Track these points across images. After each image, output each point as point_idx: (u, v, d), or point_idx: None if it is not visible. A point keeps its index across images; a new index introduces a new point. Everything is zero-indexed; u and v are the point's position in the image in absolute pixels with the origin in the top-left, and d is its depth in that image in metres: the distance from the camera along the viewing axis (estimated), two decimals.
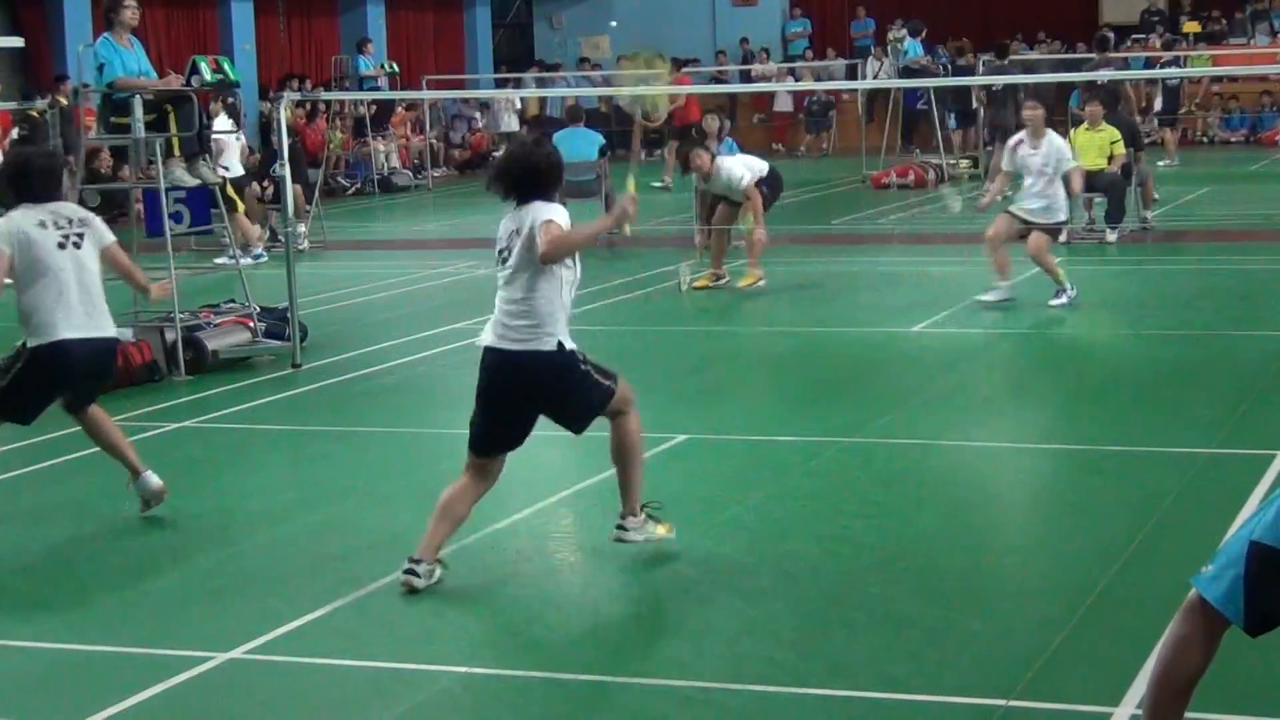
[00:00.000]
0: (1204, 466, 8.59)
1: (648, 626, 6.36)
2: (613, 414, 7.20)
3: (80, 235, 8.13)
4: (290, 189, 13.32)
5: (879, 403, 10.38)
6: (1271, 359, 11.44)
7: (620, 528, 7.20)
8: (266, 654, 6.21)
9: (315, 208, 21.29)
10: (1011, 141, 14.26)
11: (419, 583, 6.80)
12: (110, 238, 8.31)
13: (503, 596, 6.86)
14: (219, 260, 16.97)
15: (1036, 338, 12.68)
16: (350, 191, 28.93)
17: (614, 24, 35.88)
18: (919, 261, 17.27)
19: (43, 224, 8.04)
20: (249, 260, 17.69)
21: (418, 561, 6.85)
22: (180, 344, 12.00)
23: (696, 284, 15.29)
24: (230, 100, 18.28)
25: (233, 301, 13.29)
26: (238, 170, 19.56)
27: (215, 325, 12.50)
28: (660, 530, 7.27)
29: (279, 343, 12.51)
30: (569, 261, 6.90)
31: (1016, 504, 8.44)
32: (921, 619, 6.35)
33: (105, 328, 8.19)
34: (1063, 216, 14.06)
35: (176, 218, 12.52)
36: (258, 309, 12.79)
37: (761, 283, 14.98)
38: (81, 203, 10.23)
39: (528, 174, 6.88)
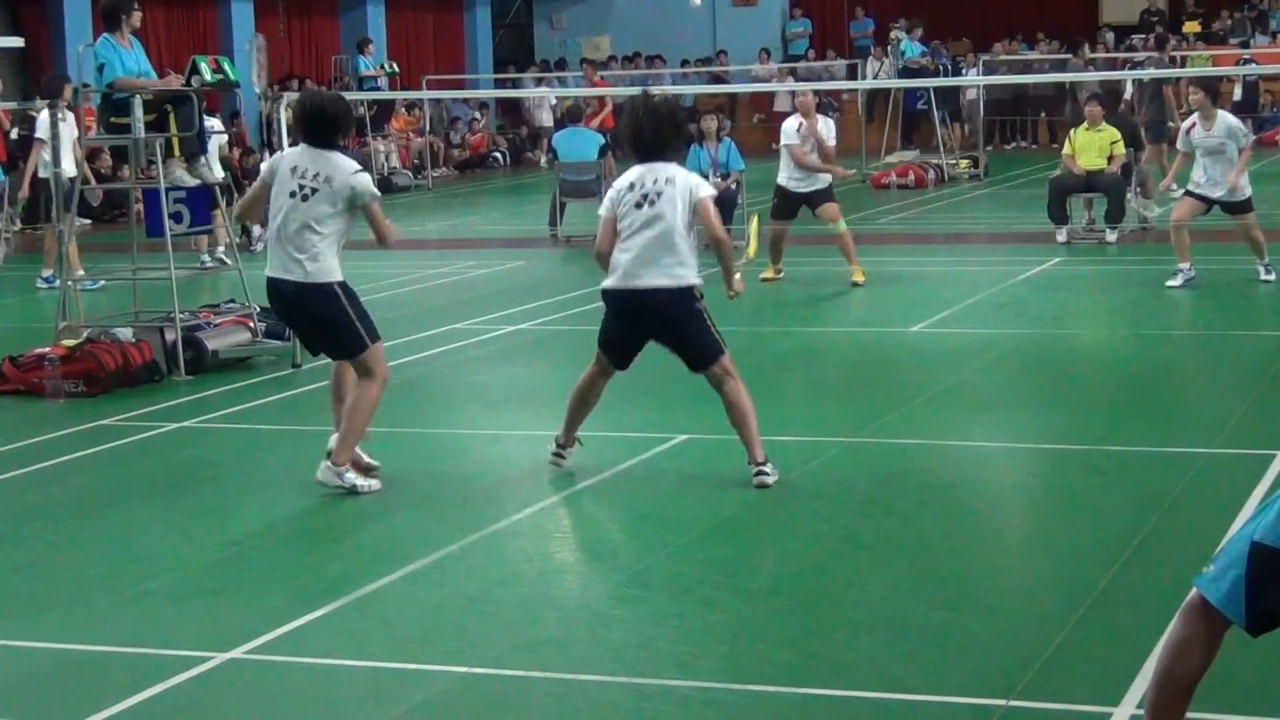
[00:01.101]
0: (1204, 466, 8.59)
1: (648, 626, 6.35)
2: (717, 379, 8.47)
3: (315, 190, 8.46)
4: None
5: (879, 403, 10.38)
6: (1271, 359, 11.44)
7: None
8: (266, 654, 6.21)
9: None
10: (1185, 125, 14.85)
11: (564, 463, 8.64)
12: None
13: (503, 596, 6.86)
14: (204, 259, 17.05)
15: (1036, 338, 12.68)
16: None
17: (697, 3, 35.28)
18: (919, 261, 17.27)
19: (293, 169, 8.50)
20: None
21: (563, 446, 8.65)
22: (180, 344, 12.00)
23: (764, 276, 15.37)
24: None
25: (233, 301, 13.29)
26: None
27: (215, 325, 12.50)
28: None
29: (279, 343, 12.51)
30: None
31: (1016, 504, 8.43)
32: (921, 619, 6.35)
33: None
34: (1247, 192, 14.67)
35: (177, 218, 12.52)
36: (258, 309, 12.79)
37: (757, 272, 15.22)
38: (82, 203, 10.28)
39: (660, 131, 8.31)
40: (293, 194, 8.43)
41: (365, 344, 8.43)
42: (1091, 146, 18.00)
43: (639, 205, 8.23)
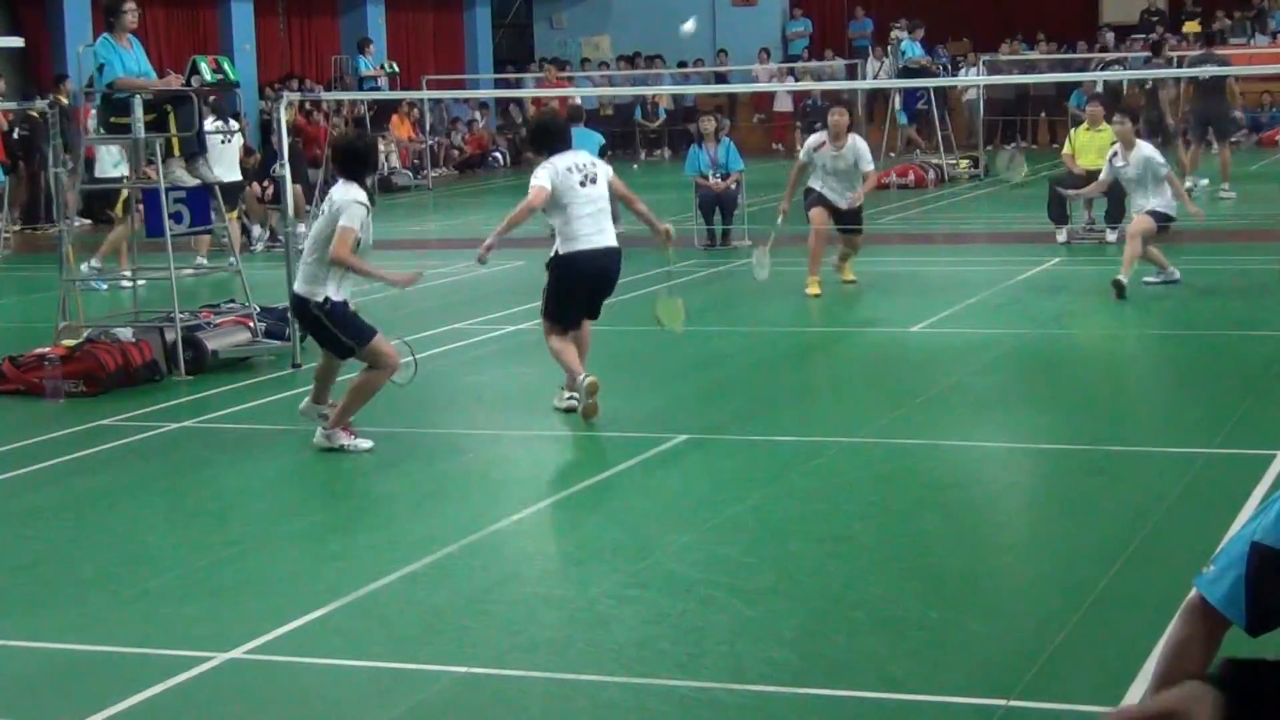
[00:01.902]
0: (1204, 466, 8.59)
1: (648, 626, 6.36)
2: None
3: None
4: (290, 189, 13.32)
5: (879, 403, 10.38)
6: (1271, 359, 11.44)
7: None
8: (266, 654, 6.21)
9: (315, 208, 21.29)
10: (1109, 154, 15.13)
11: (576, 404, 9.80)
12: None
13: (503, 596, 6.86)
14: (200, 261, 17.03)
15: (1036, 338, 12.68)
16: None
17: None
18: (919, 261, 17.27)
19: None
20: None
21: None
22: (180, 344, 12.00)
23: (811, 291, 14.91)
24: (213, 98, 17.50)
25: (233, 301, 13.29)
26: (233, 175, 18.91)
27: (215, 325, 12.50)
28: None
29: (279, 343, 12.51)
30: None
31: (1016, 504, 8.43)
32: (922, 619, 6.35)
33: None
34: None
35: (177, 218, 12.52)
36: (258, 309, 12.79)
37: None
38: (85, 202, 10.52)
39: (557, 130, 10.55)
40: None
41: (354, 349, 9.55)
42: (1091, 146, 17.99)
43: (582, 184, 10.07)
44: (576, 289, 10.12)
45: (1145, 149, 14.80)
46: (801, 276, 15.00)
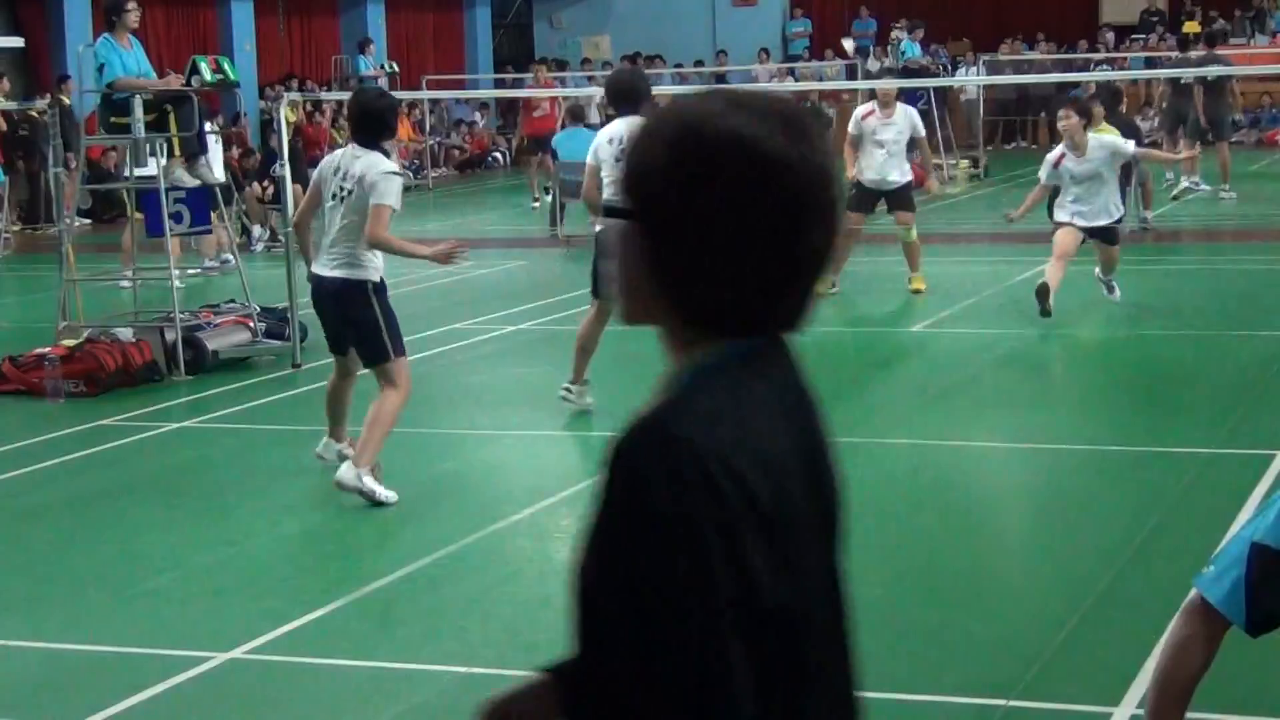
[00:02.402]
0: (1204, 466, 8.59)
1: None
2: None
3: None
4: (290, 189, 13.32)
5: (879, 403, 10.38)
6: (1271, 359, 11.44)
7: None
8: (266, 654, 6.21)
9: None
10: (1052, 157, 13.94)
11: (572, 400, 9.89)
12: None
13: (503, 596, 6.86)
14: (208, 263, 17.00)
15: (1037, 338, 12.68)
16: None
17: None
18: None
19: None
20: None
21: (569, 386, 9.85)
22: (180, 344, 12.00)
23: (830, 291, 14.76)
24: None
25: (233, 301, 13.29)
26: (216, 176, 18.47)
27: (215, 325, 12.50)
28: None
29: (279, 343, 12.51)
30: None
31: (1016, 504, 8.43)
32: (922, 619, 6.35)
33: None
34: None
35: (177, 218, 12.52)
36: (258, 309, 12.79)
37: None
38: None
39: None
40: (335, 196, 8.42)
41: (389, 354, 8.41)
42: None
43: (617, 159, 8.93)
44: None
45: (1104, 139, 13.75)
46: None
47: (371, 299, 8.35)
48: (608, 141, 9.67)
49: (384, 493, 8.26)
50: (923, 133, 15.02)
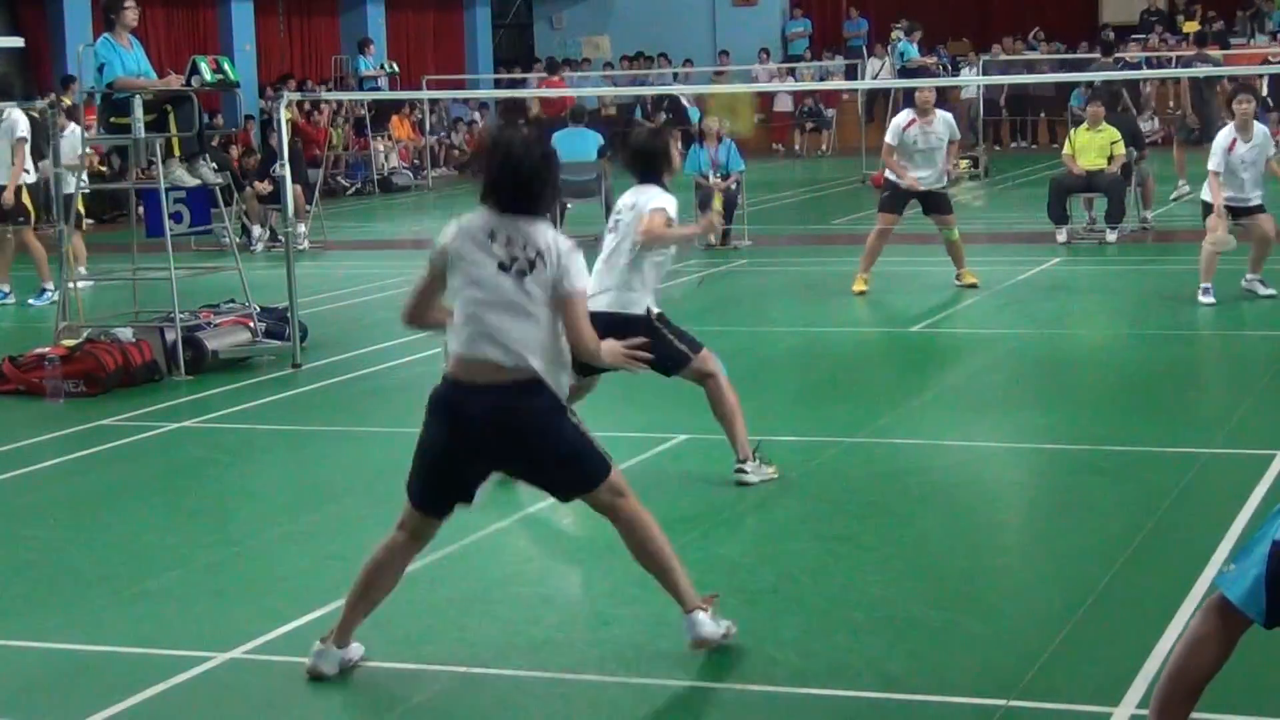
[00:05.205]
0: (1204, 466, 8.59)
1: (648, 626, 6.35)
2: None
3: None
4: (290, 189, 13.32)
5: (879, 403, 10.37)
6: (1271, 359, 11.44)
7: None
8: (266, 654, 6.21)
9: (315, 208, 21.30)
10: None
11: (750, 478, 8.38)
12: None
13: (503, 596, 6.86)
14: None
15: (1036, 338, 12.68)
16: (350, 191, 28.95)
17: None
18: (919, 261, 17.26)
19: None
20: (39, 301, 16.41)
21: (743, 461, 8.40)
22: (180, 344, 12.00)
23: (857, 288, 14.79)
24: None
25: (233, 301, 13.29)
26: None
27: (215, 325, 12.50)
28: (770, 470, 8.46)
29: (279, 343, 12.52)
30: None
31: (1017, 504, 8.43)
32: (922, 619, 6.35)
33: None
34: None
35: (177, 218, 12.52)
36: (258, 309, 12.80)
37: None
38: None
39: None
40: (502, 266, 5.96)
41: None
42: (1092, 146, 18.00)
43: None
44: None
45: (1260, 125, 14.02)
46: (799, 276, 14.99)
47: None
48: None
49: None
50: (958, 136, 15.18)
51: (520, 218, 5.89)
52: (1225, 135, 13.86)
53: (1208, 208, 13.85)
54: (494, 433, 5.80)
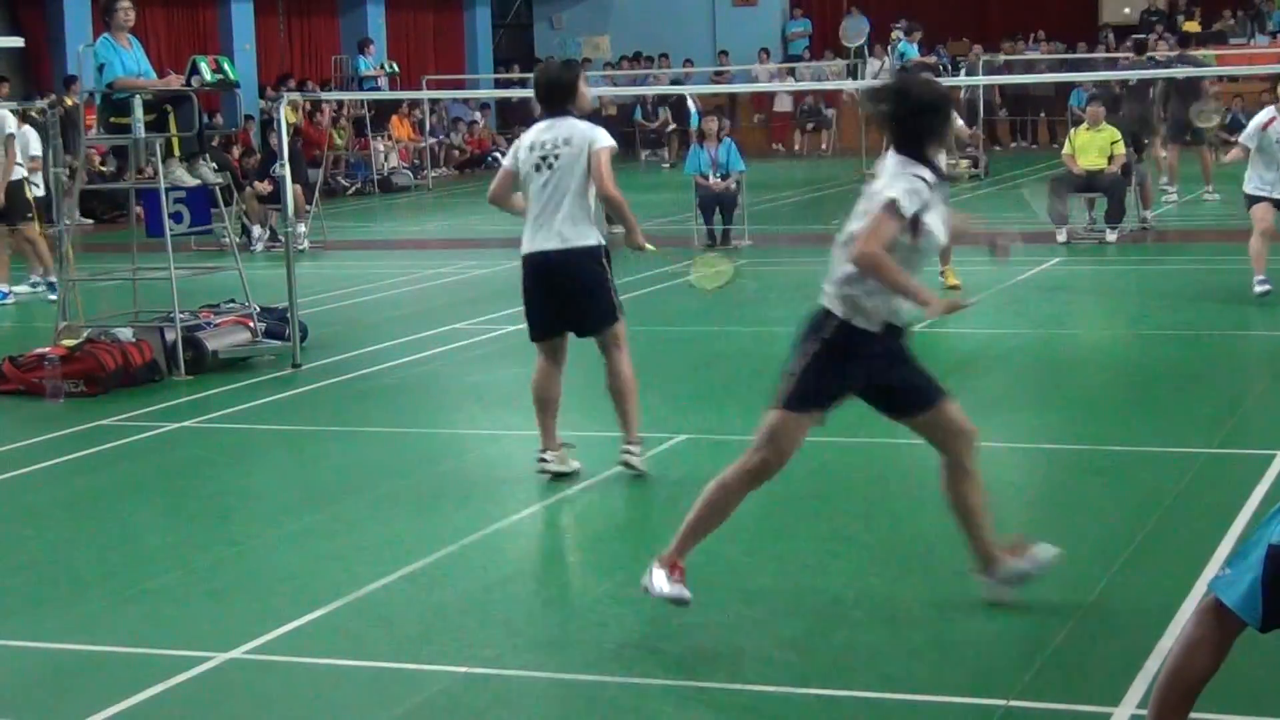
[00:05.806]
0: (1204, 466, 8.59)
1: (648, 626, 6.35)
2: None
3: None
4: (290, 189, 13.32)
5: None
6: (1271, 359, 11.44)
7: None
8: (266, 654, 6.21)
9: (315, 208, 21.30)
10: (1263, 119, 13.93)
11: (551, 467, 8.46)
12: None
13: (503, 596, 6.86)
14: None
15: (1036, 338, 12.68)
16: (350, 191, 28.96)
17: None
18: None
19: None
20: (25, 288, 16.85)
21: (544, 451, 8.47)
22: (180, 344, 12.00)
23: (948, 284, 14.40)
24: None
25: (233, 301, 13.29)
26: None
27: (215, 325, 12.50)
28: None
29: (279, 343, 12.52)
30: None
31: (1017, 504, 8.42)
32: (921, 619, 6.35)
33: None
34: None
35: (177, 218, 12.52)
36: (258, 309, 12.80)
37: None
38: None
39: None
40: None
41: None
42: (1092, 146, 18.01)
43: (538, 168, 8.66)
44: (530, 297, 9.10)
45: None
46: (798, 276, 14.96)
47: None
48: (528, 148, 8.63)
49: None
50: (966, 132, 15.08)
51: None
52: (1264, 114, 13.83)
53: (1250, 200, 13.79)
54: None
